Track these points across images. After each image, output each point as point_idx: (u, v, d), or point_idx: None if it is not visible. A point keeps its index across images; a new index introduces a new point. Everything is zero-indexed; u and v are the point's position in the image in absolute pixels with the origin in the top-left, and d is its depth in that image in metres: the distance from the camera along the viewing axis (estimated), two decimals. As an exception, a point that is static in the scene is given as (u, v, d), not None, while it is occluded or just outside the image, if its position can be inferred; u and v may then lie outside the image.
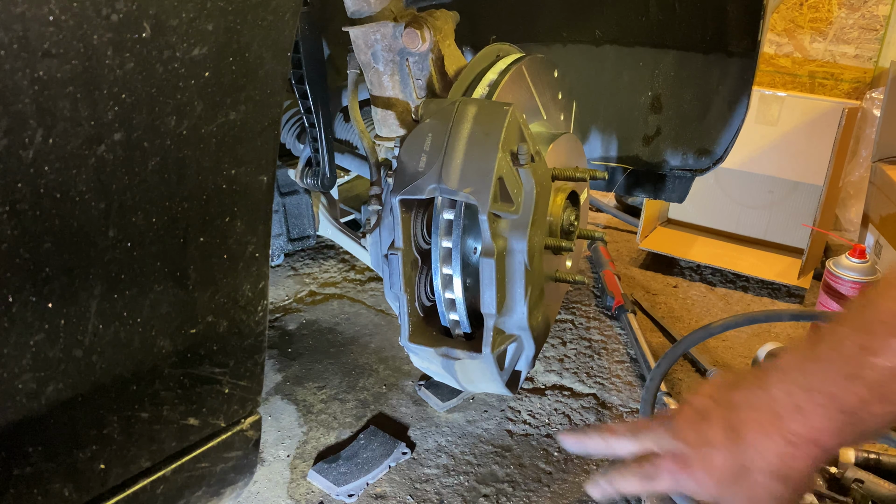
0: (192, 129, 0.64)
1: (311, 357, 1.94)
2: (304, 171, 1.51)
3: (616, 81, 1.72)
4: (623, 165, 1.80)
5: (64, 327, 0.59)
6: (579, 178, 1.14)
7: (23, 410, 0.59)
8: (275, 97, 0.71)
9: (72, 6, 0.52)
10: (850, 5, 2.75)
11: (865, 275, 1.78)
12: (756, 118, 2.38)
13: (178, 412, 0.74)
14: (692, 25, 1.57)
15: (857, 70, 2.81)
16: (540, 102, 1.27)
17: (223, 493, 0.85)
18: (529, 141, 1.05)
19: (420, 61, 1.19)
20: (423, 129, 1.03)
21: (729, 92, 1.60)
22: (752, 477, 0.56)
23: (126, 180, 0.60)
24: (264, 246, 0.77)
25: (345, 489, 1.45)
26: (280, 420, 1.68)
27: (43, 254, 0.56)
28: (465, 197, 0.98)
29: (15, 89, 0.50)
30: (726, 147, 1.64)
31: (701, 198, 2.53)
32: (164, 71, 0.60)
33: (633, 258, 2.60)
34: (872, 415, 0.52)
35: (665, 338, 2.10)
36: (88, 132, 0.56)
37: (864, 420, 0.52)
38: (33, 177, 0.53)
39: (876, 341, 0.51)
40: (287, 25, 0.69)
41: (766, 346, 1.83)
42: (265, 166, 0.73)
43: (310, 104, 1.36)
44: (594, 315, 2.20)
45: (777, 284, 2.37)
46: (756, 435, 0.56)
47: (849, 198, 2.70)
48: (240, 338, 0.79)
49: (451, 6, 1.25)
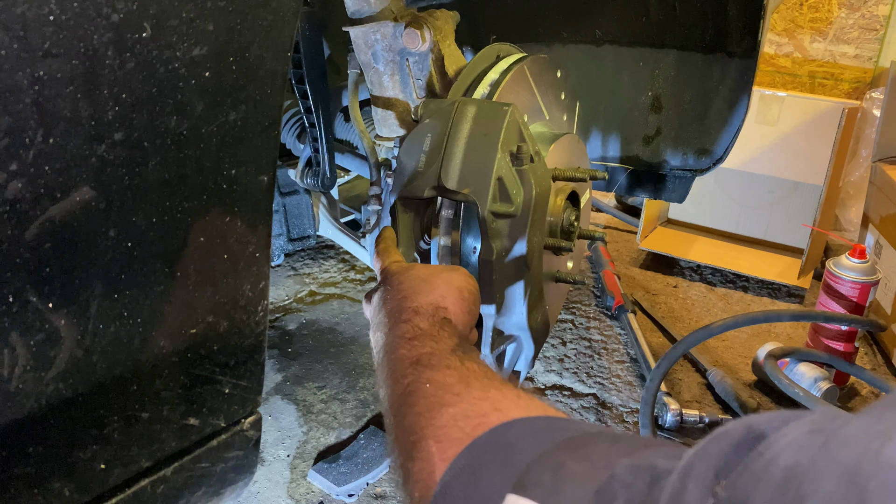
0: (192, 129, 0.64)
1: (311, 357, 1.94)
2: (305, 171, 1.51)
3: (616, 81, 1.72)
4: (623, 165, 1.80)
5: (64, 327, 0.59)
6: (579, 178, 1.14)
7: (23, 410, 0.59)
8: (275, 97, 0.71)
9: (72, 6, 0.52)
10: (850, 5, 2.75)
11: (865, 275, 1.78)
12: (756, 118, 2.37)
13: (179, 412, 0.74)
14: (692, 25, 1.57)
15: (857, 70, 2.81)
16: (542, 103, 1.27)
17: (223, 493, 0.85)
18: (529, 141, 1.05)
19: (420, 61, 1.19)
20: (423, 129, 1.03)
21: (729, 92, 1.59)
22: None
23: (126, 180, 0.60)
24: (264, 246, 0.78)
25: (345, 489, 1.45)
26: (280, 420, 1.69)
27: (43, 254, 0.56)
28: (465, 197, 0.98)
29: (15, 89, 0.50)
30: (726, 147, 1.64)
31: (701, 198, 2.53)
32: (164, 71, 0.60)
33: (633, 258, 2.60)
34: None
35: (665, 338, 2.10)
36: (88, 132, 0.56)
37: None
38: (33, 177, 0.54)
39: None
40: (287, 25, 0.69)
41: (766, 346, 1.83)
42: (265, 166, 0.73)
43: (310, 104, 1.36)
44: (594, 315, 2.20)
45: (777, 284, 2.37)
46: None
47: (849, 198, 2.70)
48: (240, 338, 0.79)
49: (451, 6, 1.25)
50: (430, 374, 0.62)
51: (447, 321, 0.74)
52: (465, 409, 0.55)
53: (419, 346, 0.68)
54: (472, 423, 0.53)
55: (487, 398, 0.56)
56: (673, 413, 1.65)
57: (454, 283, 0.81)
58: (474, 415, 0.54)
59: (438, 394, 0.59)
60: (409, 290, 0.79)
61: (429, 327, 0.71)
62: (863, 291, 1.77)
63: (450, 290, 0.79)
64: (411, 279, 0.81)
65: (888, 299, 1.99)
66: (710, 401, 1.80)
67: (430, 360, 0.64)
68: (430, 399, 0.59)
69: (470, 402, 0.56)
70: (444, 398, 0.58)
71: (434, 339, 0.69)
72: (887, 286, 1.99)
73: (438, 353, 0.65)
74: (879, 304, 2.03)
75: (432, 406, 0.58)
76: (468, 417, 0.54)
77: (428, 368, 0.63)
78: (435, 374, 0.62)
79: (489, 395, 0.56)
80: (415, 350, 0.67)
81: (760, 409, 1.69)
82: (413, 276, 0.82)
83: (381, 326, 0.78)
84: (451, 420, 0.55)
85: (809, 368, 1.77)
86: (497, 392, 0.57)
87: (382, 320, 0.78)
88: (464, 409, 0.55)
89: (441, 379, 0.61)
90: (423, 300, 0.77)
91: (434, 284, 0.80)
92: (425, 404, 0.59)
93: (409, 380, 0.64)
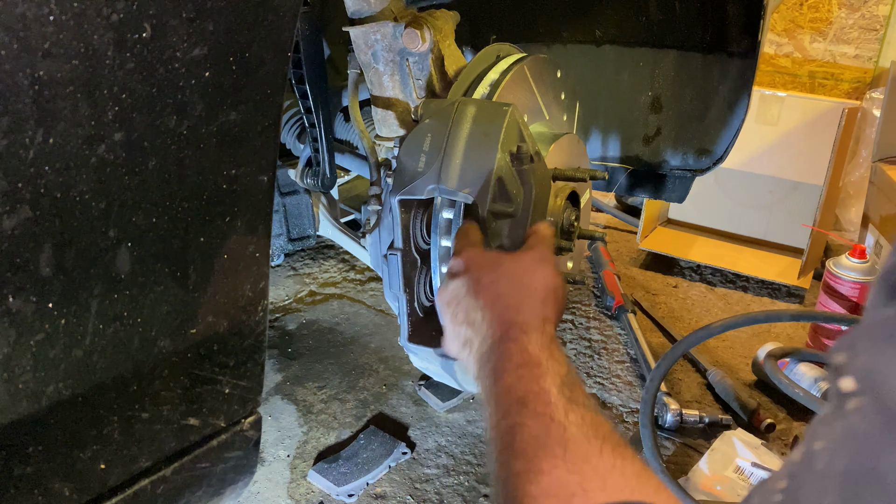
0: (192, 129, 0.64)
1: (311, 357, 1.94)
2: (304, 171, 1.51)
3: (616, 81, 1.72)
4: (623, 165, 1.80)
5: (64, 327, 0.59)
6: (579, 178, 1.14)
7: (23, 410, 0.59)
8: (275, 97, 0.71)
9: (72, 6, 0.52)
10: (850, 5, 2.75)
11: (865, 275, 1.78)
12: (756, 118, 2.37)
13: (179, 412, 0.74)
14: (692, 25, 1.57)
15: (857, 70, 2.81)
16: (542, 103, 1.27)
17: (223, 493, 0.85)
18: (529, 141, 1.05)
19: (420, 61, 1.19)
20: (423, 129, 1.03)
21: (729, 92, 1.59)
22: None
23: (126, 180, 0.60)
24: (264, 246, 0.77)
25: (345, 489, 1.45)
26: (280, 420, 1.69)
27: (43, 254, 0.56)
28: (464, 197, 0.98)
29: (15, 89, 0.50)
30: (726, 147, 1.64)
31: (701, 198, 2.53)
32: (164, 71, 0.60)
33: (633, 258, 2.60)
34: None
35: (665, 338, 2.10)
36: (88, 132, 0.56)
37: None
38: (33, 177, 0.54)
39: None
40: (287, 25, 0.69)
41: (766, 346, 1.83)
42: (265, 166, 0.73)
43: (310, 104, 1.36)
44: (594, 315, 2.20)
45: (777, 284, 2.37)
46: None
47: (849, 198, 2.70)
48: (240, 338, 0.79)
49: (451, 6, 1.25)
50: (534, 426, 0.62)
51: (554, 341, 0.72)
52: (555, 484, 0.57)
53: (527, 380, 0.67)
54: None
55: (579, 472, 0.57)
56: (673, 413, 1.65)
57: (550, 282, 0.78)
58: (563, 494, 0.56)
59: (539, 455, 0.60)
60: (510, 293, 0.76)
61: (537, 352, 0.69)
62: (863, 291, 1.77)
63: (548, 293, 0.77)
64: (507, 277, 0.78)
65: (888, 299, 1.99)
66: (710, 401, 1.80)
67: (535, 406, 0.64)
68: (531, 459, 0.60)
69: (561, 476, 0.57)
70: (542, 464, 0.59)
71: (542, 371, 0.67)
72: (887, 286, 1.99)
73: (544, 397, 0.64)
74: (879, 304, 2.03)
75: (530, 470, 0.59)
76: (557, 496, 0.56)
77: (533, 417, 0.63)
78: (538, 426, 0.62)
79: (582, 469, 0.58)
80: (522, 384, 0.66)
81: (760, 409, 1.69)
82: (508, 274, 0.79)
83: (476, 327, 0.76)
84: (542, 494, 0.57)
85: (809, 368, 1.77)
86: (590, 465, 0.58)
87: (479, 322, 0.76)
88: (555, 482, 0.57)
89: (543, 436, 0.61)
90: (530, 313, 0.74)
91: (534, 289, 0.77)
92: (524, 463, 0.60)
93: (512, 421, 0.64)
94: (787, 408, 1.77)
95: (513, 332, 0.72)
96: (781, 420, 1.72)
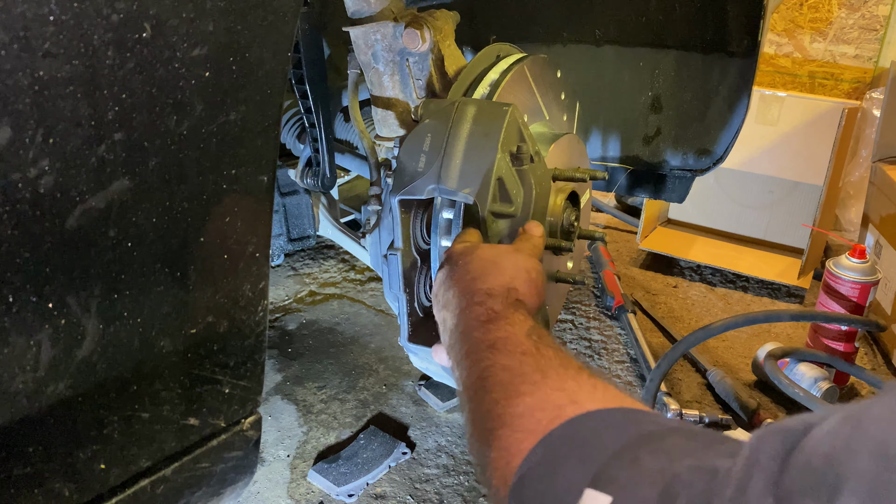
0: (192, 129, 0.64)
1: (311, 357, 1.94)
2: (304, 171, 1.51)
3: (616, 81, 1.72)
4: (623, 165, 1.80)
5: (64, 327, 0.59)
6: (579, 178, 1.14)
7: (23, 410, 0.59)
8: (275, 97, 0.71)
9: (72, 6, 0.52)
10: (850, 5, 2.75)
11: (865, 275, 1.78)
12: (756, 118, 2.38)
13: (179, 412, 0.74)
14: (692, 25, 1.57)
15: (857, 70, 2.81)
16: (542, 103, 1.27)
17: (223, 493, 0.85)
18: (529, 141, 1.05)
19: (420, 61, 1.19)
20: (423, 129, 1.03)
21: (729, 92, 1.59)
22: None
23: (126, 180, 0.60)
24: (264, 246, 0.77)
25: (345, 489, 1.45)
26: (280, 420, 1.69)
27: (43, 254, 0.56)
28: (464, 197, 0.98)
29: (15, 89, 0.50)
30: (726, 147, 1.64)
31: (701, 198, 2.53)
32: (164, 71, 0.60)
33: (633, 258, 2.60)
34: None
35: (665, 338, 2.10)
36: (88, 132, 0.56)
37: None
38: (33, 177, 0.54)
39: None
40: (287, 25, 0.69)
41: (766, 346, 1.83)
42: (265, 166, 0.73)
43: (310, 104, 1.36)
44: (594, 315, 2.20)
45: (777, 284, 2.37)
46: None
47: (849, 198, 2.70)
48: (240, 338, 0.79)
49: (451, 6, 1.25)
50: (506, 361, 0.62)
51: (520, 303, 0.74)
52: (541, 400, 0.56)
53: (494, 330, 0.68)
54: (548, 416, 0.54)
55: (563, 388, 0.56)
56: (673, 413, 1.65)
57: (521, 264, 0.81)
58: (550, 406, 0.55)
59: (515, 382, 0.59)
60: (479, 270, 0.79)
61: (502, 310, 0.71)
62: (863, 291, 1.77)
63: (518, 271, 0.79)
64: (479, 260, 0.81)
65: (888, 299, 1.99)
66: (710, 401, 1.80)
67: (505, 345, 0.64)
68: (507, 387, 0.59)
69: (546, 393, 0.56)
70: (521, 387, 0.58)
71: (508, 322, 0.69)
72: (887, 286, 1.99)
73: (514, 338, 0.65)
74: (879, 304, 2.03)
75: (509, 394, 0.58)
76: (544, 409, 0.55)
77: (504, 354, 0.63)
78: (511, 360, 0.62)
79: (565, 386, 0.57)
80: (490, 334, 0.67)
81: (760, 409, 1.69)
82: (480, 257, 0.82)
83: (450, 306, 0.78)
84: (528, 410, 0.55)
85: (809, 368, 1.77)
86: (573, 382, 0.57)
87: (451, 300, 0.78)
88: (540, 399, 0.56)
89: (517, 366, 0.61)
90: (495, 282, 0.76)
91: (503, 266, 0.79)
92: (502, 392, 0.59)
93: (484, 364, 0.64)
94: (787, 408, 1.77)
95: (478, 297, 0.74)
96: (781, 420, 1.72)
